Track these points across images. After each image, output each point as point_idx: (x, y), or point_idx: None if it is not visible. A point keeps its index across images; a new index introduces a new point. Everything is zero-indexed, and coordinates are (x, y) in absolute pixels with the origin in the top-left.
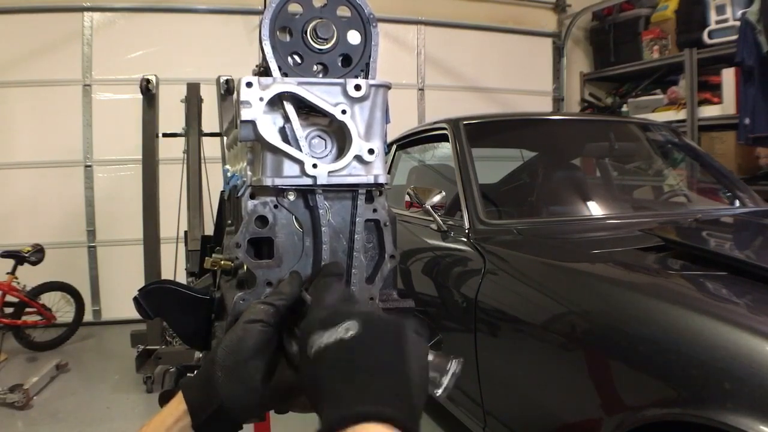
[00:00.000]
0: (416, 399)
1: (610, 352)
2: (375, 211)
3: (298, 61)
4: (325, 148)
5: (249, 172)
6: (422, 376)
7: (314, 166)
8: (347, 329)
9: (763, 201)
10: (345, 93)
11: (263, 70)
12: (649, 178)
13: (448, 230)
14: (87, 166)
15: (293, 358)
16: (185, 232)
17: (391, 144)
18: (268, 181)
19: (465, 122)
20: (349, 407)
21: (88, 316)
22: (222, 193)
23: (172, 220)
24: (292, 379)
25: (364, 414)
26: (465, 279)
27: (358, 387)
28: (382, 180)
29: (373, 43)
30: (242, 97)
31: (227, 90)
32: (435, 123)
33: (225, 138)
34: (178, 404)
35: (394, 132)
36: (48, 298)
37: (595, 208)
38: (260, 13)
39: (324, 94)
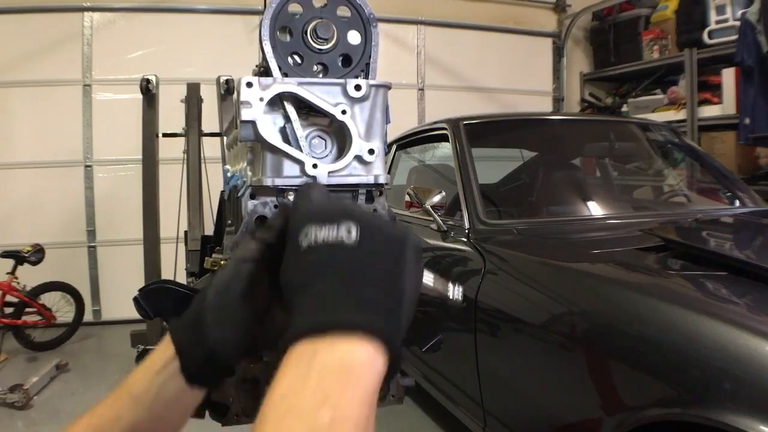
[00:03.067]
0: (405, 318)
1: (610, 352)
2: (375, 211)
3: (298, 61)
4: (325, 148)
5: (249, 172)
6: (415, 295)
7: (314, 166)
8: (348, 231)
9: (763, 201)
10: (345, 93)
11: (263, 70)
12: (649, 178)
13: (448, 230)
14: (87, 166)
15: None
16: (185, 232)
17: (391, 144)
18: (268, 181)
19: (465, 122)
20: (337, 312)
21: (88, 316)
22: (222, 193)
23: (172, 220)
24: (282, 321)
25: (356, 325)
26: (465, 279)
27: (350, 292)
28: (382, 180)
29: (373, 43)
30: (242, 97)
31: (227, 90)
32: (435, 123)
33: (225, 138)
34: (166, 348)
35: (394, 132)
36: (48, 298)
37: (595, 208)
38: (260, 13)
39: (324, 94)
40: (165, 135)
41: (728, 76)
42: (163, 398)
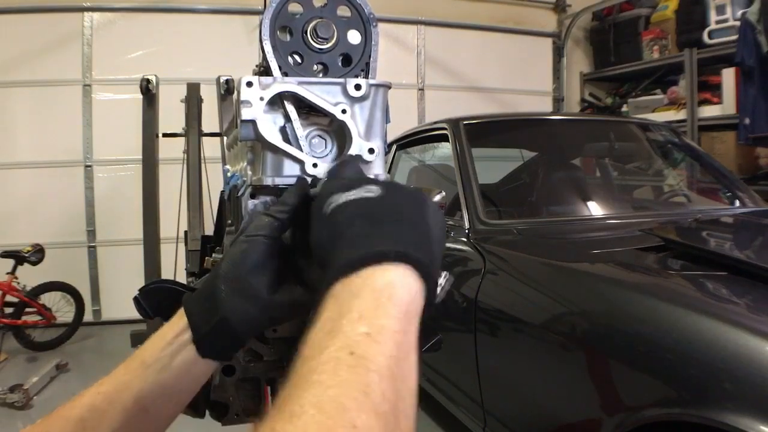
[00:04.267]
0: (436, 249)
1: (610, 352)
2: None
3: (299, 60)
4: (326, 147)
5: (249, 172)
6: (442, 231)
7: (314, 165)
8: (369, 190)
9: (763, 201)
10: (345, 93)
11: (263, 70)
12: (649, 178)
13: (448, 230)
14: (87, 166)
15: (302, 273)
16: (185, 232)
17: (391, 144)
18: (268, 181)
19: (465, 122)
20: (365, 246)
21: (88, 316)
22: (222, 193)
23: (172, 220)
24: (298, 294)
25: (386, 253)
26: (465, 279)
27: (379, 231)
28: (382, 179)
29: (373, 42)
30: (242, 97)
31: (227, 90)
32: (435, 123)
33: (225, 138)
34: (179, 319)
35: (394, 132)
36: (48, 298)
37: (595, 208)
38: (260, 13)
39: (324, 94)
40: (165, 135)
41: (728, 76)
42: (173, 368)
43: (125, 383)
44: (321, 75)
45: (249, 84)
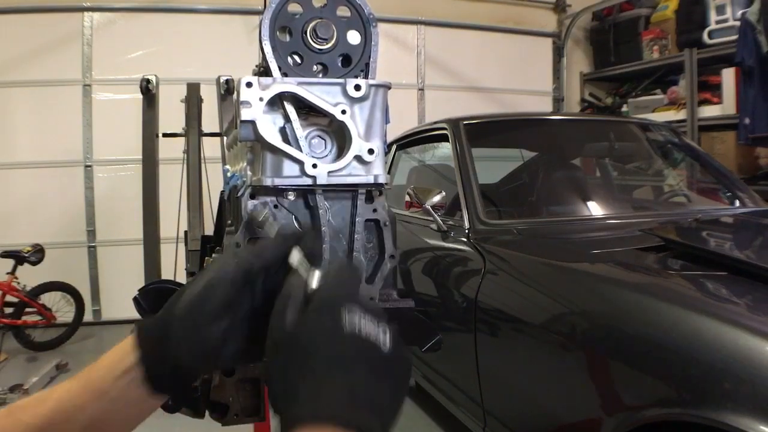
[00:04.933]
0: (386, 408)
1: (610, 352)
2: (375, 211)
3: (298, 61)
4: (325, 148)
5: (249, 172)
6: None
7: (314, 166)
8: (385, 333)
9: (763, 201)
10: (345, 93)
11: (263, 70)
12: (649, 178)
13: (448, 230)
14: (87, 166)
15: (257, 329)
16: (185, 232)
17: (391, 144)
18: (268, 181)
19: (465, 122)
20: (303, 407)
21: (88, 316)
22: (222, 193)
23: (172, 220)
24: (246, 346)
25: (317, 417)
26: (465, 279)
27: (313, 384)
28: (382, 180)
29: (372, 43)
30: (242, 97)
31: (227, 90)
32: (435, 123)
33: (225, 138)
34: (129, 351)
35: (394, 132)
36: (48, 298)
37: (595, 208)
38: (260, 13)
39: (324, 94)
40: (165, 135)
41: (728, 76)
42: (128, 400)
43: (81, 405)
44: (321, 75)
45: (249, 84)
